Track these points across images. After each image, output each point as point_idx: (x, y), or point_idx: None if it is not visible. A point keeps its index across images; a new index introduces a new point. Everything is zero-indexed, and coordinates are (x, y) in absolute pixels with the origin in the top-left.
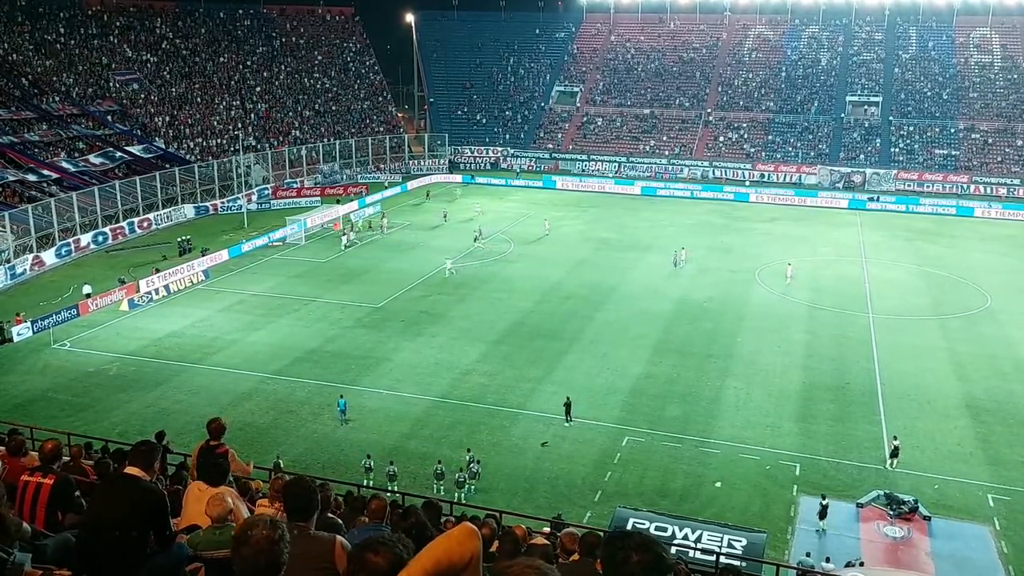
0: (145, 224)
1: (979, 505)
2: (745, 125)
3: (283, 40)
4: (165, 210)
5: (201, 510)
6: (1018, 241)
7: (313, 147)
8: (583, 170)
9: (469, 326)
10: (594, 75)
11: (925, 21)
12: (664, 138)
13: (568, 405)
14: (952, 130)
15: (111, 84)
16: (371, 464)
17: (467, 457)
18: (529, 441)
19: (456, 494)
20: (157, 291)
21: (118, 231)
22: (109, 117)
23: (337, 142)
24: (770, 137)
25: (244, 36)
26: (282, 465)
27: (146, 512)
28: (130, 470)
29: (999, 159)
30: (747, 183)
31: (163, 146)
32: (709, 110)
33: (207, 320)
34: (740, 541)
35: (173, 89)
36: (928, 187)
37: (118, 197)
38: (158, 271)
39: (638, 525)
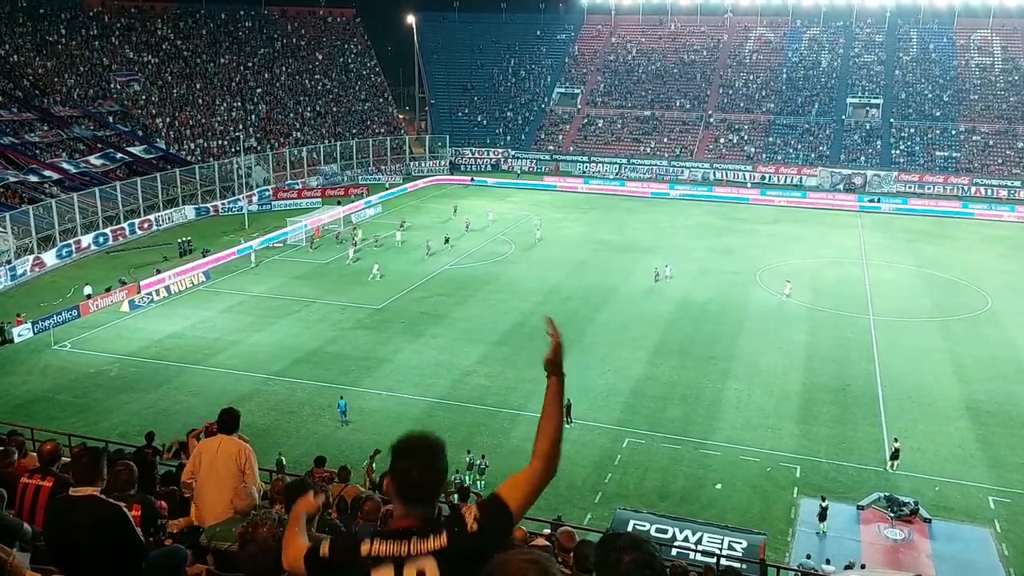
0: (146, 225)
1: (980, 507)
2: (746, 127)
3: (284, 41)
4: (166, 211)
5: (212, 464)
6: (1018, 243)
7: (314, 148)
8: (584, 171)
9: (470, 327)
10: (595, 76)
11: (926, 23)
12: (665, 140)
13: (568, 406)
14: (953, 132)
15: (112, 85)
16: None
17: (467, 459)
18: (530, 443)
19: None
20: (158, 292)
21: (119, 232)
22: (110, 118)
23: (338, 143)
24: (771, 139)
25: (245, 37)
26: (284, 463)
27: (112, 531)
28: (80, 490)
29: (1000, 161)
30: (748, 184)
31: (164, 147)
32: (710, 112)
33: (208, 321)
34: (740, 543)
35: (174, 90)
36: (929, 189)
37: (119, 198)
38: (159, 272)
39: (638, 527)
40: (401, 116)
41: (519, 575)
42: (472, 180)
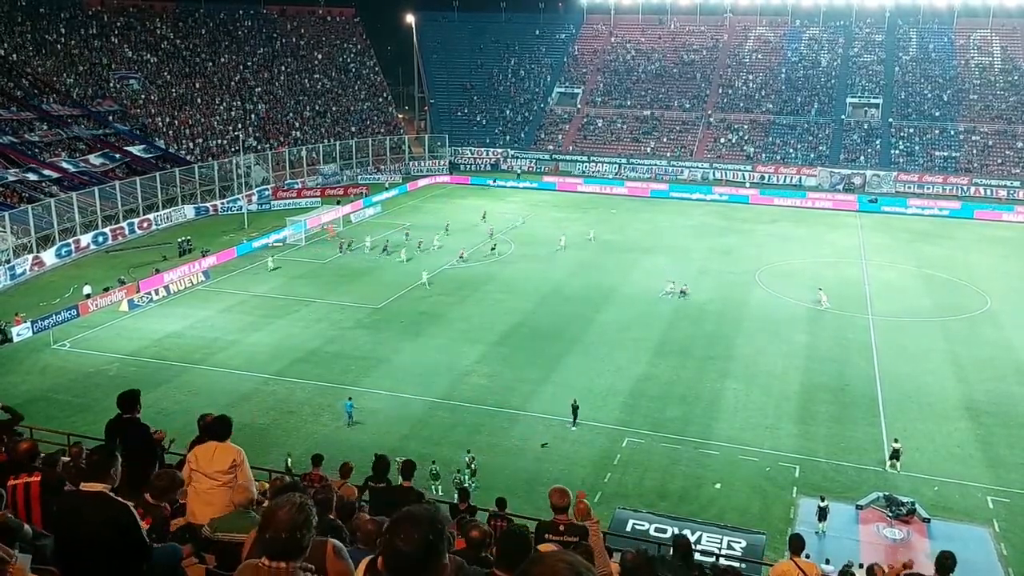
0: (145, 224)
1: (979, 507)
2: (746, 126)
3: (283, 41)
4: (165, 211)
5: (210, 464)
6: (1018, 243)
7: (313, 148)
8: (583, 171)
9: (469, 327)
10: (594, 76)
11: (925, 23)
12: (664, 139)
13: (576, 408)
14: (952, 132)
15: (111, 84)
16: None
17: (466, 459)
18: (529, 442)
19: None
20: (157, 291)
21: (118, 231)
22: (110, 117)
23: (337, 143)
24: (770, 139)
25: (244, 36)
26: (290, 464)
27: (118, 529)
28: (90, 486)
29: (999, 161)
30: (748, 184)
31: (163, 146)
32: (709, 111)
33: (207, 321)
34: (739, 543)
35: (173, 89)
36: (928, 189)
37: (118, 197)
38: (158, 271)
39: (637, 527)
40: (400, 116)
41: (551, 572)
42: (493, 182)
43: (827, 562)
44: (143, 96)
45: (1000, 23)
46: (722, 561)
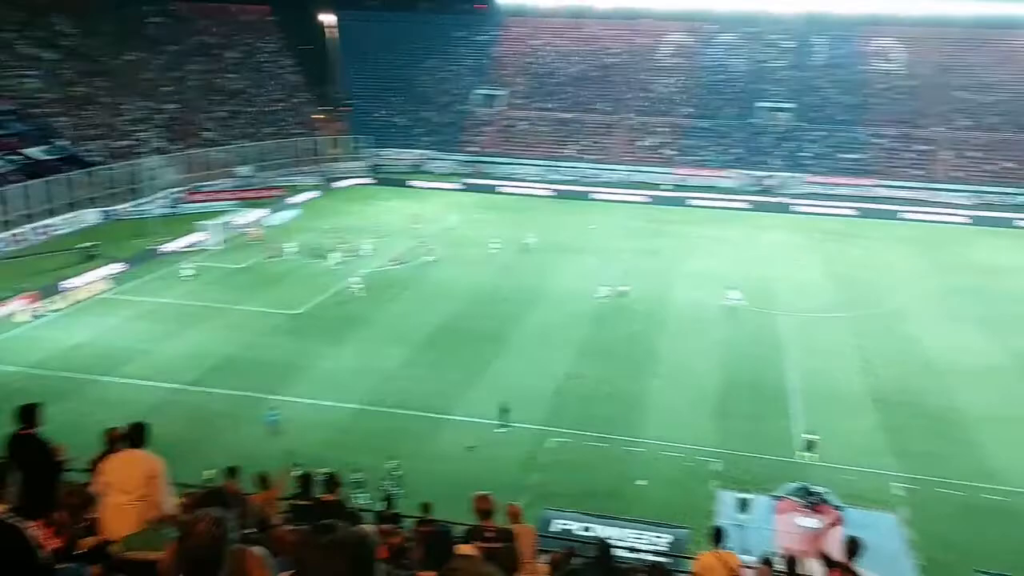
0: (47, 230)
1: (888, 495)
2: (665, 130)
3: (194, 39)
4: (69, 215)
5: (126, 474)
6: (921, 242)
7: (226, 149)
8: (506, 174)
9: (393, 331)
10: (516, 79)
11: (834, 30)
12: (585, 142)
13: (505, 410)
14: (859, 136)
15: (8, 82)
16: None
17: (391, 465)
18: (455, 446)
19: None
20: (62, 299)
21: (17, 237)
22: (7, 117)
23: (252, 144)
24: (688, 141)
25: (153, 34)
26: (210, 477)
27: (9, 552)
28: None
29: (903, 164)
30: (668, 187)
31: (66, 148)
32: (629, 115)
33: (116, 330)
34: (664, 538)
35: (77, 88)
36: (837, 191)
37: (16, 201)
38: (62, 279)
39: (564, 527)
40: (319, 116)
41: None
42: (419, 184)
43: (748, 552)
44: (43, 96)
45: (904, 31)
46: (649, 557)
